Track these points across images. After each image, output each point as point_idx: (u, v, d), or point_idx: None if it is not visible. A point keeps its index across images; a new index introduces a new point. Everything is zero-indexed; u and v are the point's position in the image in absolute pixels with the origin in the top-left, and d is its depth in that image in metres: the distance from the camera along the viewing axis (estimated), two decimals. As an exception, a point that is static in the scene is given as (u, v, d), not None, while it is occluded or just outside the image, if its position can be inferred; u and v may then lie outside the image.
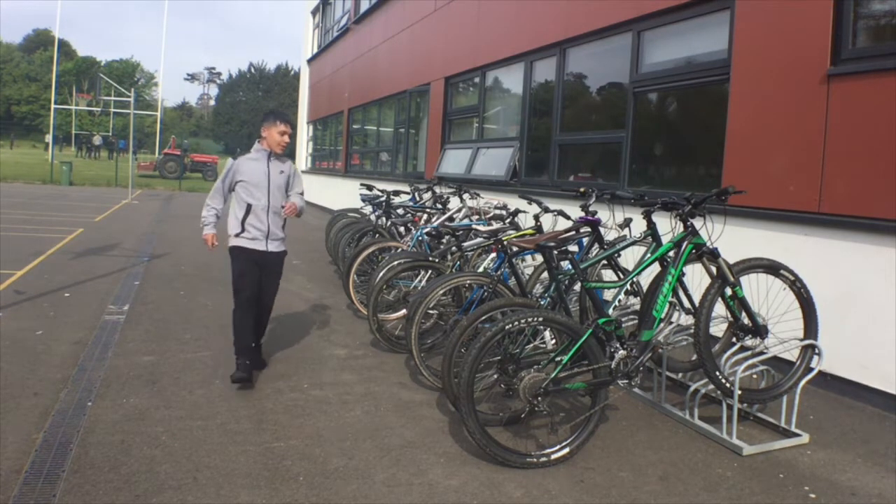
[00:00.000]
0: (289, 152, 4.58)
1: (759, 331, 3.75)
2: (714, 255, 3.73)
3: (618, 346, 3.51)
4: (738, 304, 3.75)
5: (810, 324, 3.90)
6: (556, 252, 3.60)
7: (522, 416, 3.46)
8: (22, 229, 11.01)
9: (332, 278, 8.21)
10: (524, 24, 8.45)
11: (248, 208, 4.27)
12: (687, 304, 4.37)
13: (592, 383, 3.41)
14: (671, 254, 3.80)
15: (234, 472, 3.02)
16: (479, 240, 5.22)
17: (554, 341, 3.93)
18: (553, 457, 3.24)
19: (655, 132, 6.54)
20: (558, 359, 3.41)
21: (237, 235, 4.28)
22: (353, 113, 16.90)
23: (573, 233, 4.55)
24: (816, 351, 3.78)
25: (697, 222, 3.84)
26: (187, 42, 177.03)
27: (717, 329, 4.43)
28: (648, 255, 4.32)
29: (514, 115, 9.00)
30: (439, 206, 7.37)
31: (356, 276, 6.17)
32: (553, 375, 3.28)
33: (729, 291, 3.71)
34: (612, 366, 3.45)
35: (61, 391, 3.91)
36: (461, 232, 5.47)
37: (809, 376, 3.73)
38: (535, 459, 3.21)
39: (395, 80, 13.28)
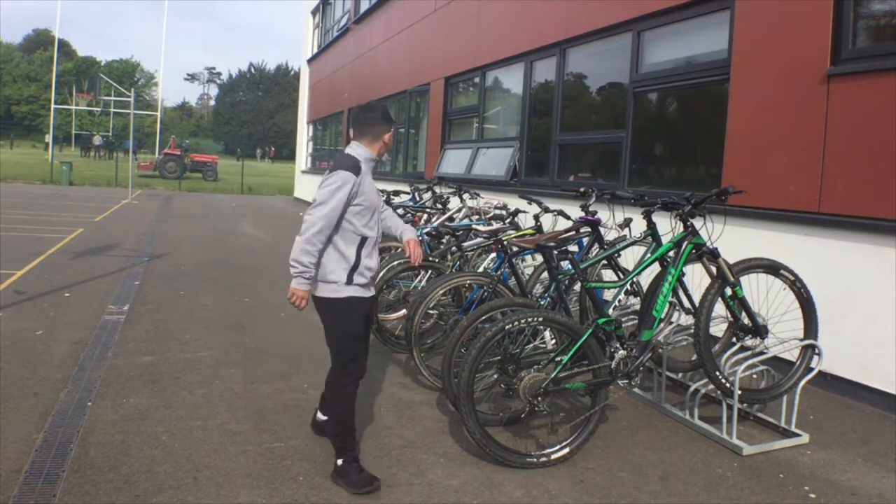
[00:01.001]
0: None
1: (759, 331, 3.75)
2: (714, 255, 3.73)
3: (618, 346, 3.51)
4: (738, 304, 3.75)
5: (810, 324, 3.89)
6: (556, 252, 3.60)
7: (522, 416, 3.46)
8: (22, 229, 11.01)
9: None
10: (524, 24, 8.45)
11: (363, 242, 3.06)
12: (687, 304, 4.37)
13: (592, 383, 3.40)
14: (671, 254, 3.80)
15: (234, 472, 3.02)
16: (479, 240, 5.22)
17: (554, 341, 3.93)
18: (553, 457, 3.24)
19: (655, 132, 6.54)
20: (558, 359, 3.41)
21: (348, 283, 3.01)
22: (352, 113, 16.88)
23: (573, 233, 4.55)
24: (816, 351, 3.78)
25: (697, 222, 3.84)
26: (187, 42, 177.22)
27: (718, 329, 4.43)
28: (648, 255, 4.32)
29: (514, 115, 9.00)
30: (439, 206, 7.37)
31: (356, 276, 6.17)
32: (553, 375, 3.27)
33: (729, 291, 3.71)
34: (612, 366, 3.44)
35: (61, 391, 3.91)
36: (461, 232, 5.47)
37: (809, 376, 3.73)
38: (535, 459, 3.21)
39: (395, 80, 13.28)
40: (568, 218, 5.30)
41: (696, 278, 4.44)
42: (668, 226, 4.08)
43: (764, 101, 5.01)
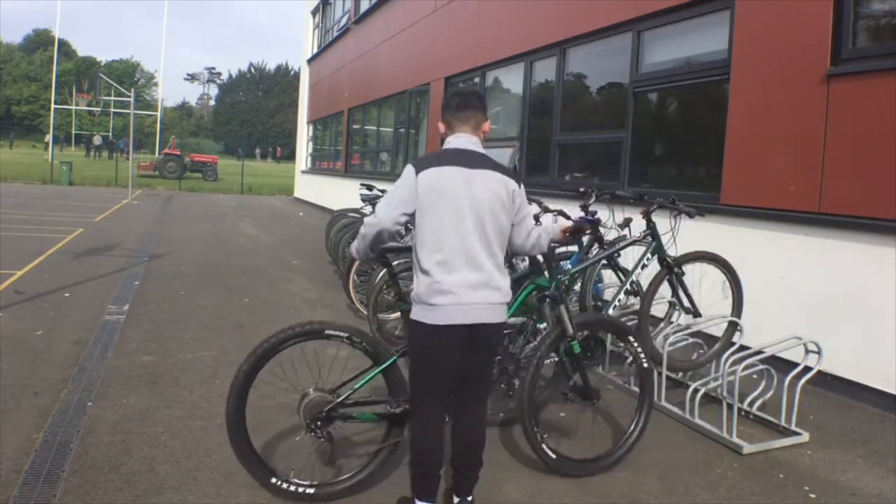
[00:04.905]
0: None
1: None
2: (556, 300, 3.19)
3: None
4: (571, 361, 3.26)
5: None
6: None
7: (297, 437, 3.06)
8: (22, 229, 11.01)
9: (332, 278, 8.20)
10: (524, 24, 8.45)
11: None
12: (687, 303, 4.39)
13: (385, 415, 2.92)
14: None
15: (234, 472, 3.01)
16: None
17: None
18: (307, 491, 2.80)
19: (655, 132, 6.54)
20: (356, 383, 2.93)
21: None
22: (353, 113, 16.90)
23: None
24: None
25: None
26: (187, 42, 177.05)
27: (718, 329, 4.44)
28: (648, 254, 4.33)
29: (514, 115, 9.00)
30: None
31: (356, 276, 6.18)
32: (340, 400, 2.85)
33: (563, 346, 3.20)
34: None
35: (61, 391, 3.91)
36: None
37: (809, 375, 3.72)
38: (280, 483, 2.80)
39: (395, 80, 13.28)
40: (568, 218, 5.29)
41: (696, 278, 4.45)
42: (667, 225, 4.12)
43: (764, 101, 5.01)
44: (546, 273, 3.26)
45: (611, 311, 4.28)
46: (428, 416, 2.68)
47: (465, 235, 2.51)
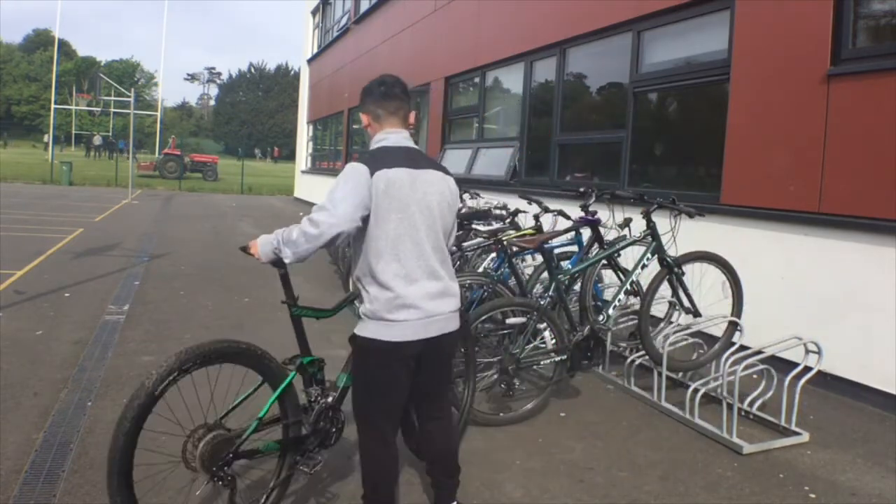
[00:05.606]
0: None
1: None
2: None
3: (318, 393, 2.71)
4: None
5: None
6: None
7: (198, 492, 2.70)
8: (22, 229, 11.01)
9: (332, 278, 8.20)
10: (524, 24, 8.46)
11: None
12: (687, 303, 4.39)
13: (285, 442, 2.65)
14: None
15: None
16: (479, 240, 5.22)
17: (554, 341, 3.91)
18: None
19: (655, 132, 6.54)
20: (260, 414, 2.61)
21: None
22: (353, 113, 16.90)
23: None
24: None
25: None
26: (187, 42, 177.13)
27: (718, 329, 4.44)
28: (648, 254, 4.34)
29: (514, 115, 9.00)
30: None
31: (356, 276, 6.17)
32: (247, 434, 2.53)
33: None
34: (310, 421, 2.63)
35: (61, 391, 3.91)
36: (461, 232, 5.47)
37: (809, 375, 3.73)
38: None
39: (395, 80, 13.27)
40: (568, 218, 5.30)
41: (696, 278, 4.45)
42: (667, 225, 4.12)
43: (764, 101, 5.01)
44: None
45: (611, 311, 4.28)
46: (381, 438, 2.45)
47: (420, 242, 2.34)
